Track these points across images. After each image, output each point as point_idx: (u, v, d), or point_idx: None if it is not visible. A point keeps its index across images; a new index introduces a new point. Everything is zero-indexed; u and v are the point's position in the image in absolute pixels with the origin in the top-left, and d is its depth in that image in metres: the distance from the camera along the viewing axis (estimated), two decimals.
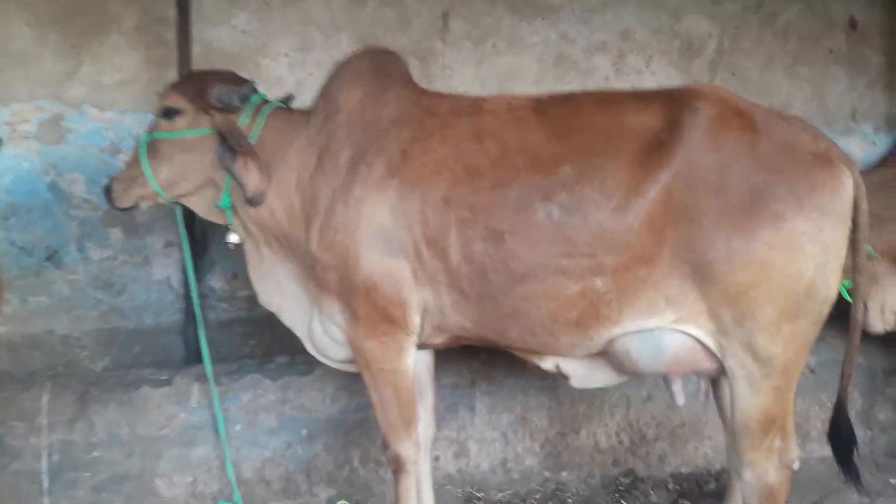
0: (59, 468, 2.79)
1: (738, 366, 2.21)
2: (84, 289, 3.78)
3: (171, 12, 3.62)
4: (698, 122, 2.16)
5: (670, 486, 3.38)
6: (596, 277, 2.18)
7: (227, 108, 2.54)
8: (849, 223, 2.21)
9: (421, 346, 2.57)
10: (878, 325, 3.48)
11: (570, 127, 2.27)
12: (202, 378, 2.98)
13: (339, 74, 2.59)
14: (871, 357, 3.83)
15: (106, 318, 3.80)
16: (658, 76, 4.46)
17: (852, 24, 4.67)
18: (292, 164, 2.55)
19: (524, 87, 4.22)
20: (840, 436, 2.46)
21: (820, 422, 3.75)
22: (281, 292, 2.68)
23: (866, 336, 3.50)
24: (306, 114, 2.64)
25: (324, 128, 2.53)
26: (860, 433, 3.74)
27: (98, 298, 3.79)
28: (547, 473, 3.38)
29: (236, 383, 3.05)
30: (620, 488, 3.35)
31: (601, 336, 2.28)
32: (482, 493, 3.23)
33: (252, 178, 2.49)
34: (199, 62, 3.70)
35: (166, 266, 3.81)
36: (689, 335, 2.24)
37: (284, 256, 2.64)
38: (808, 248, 2.11)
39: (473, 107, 2.43)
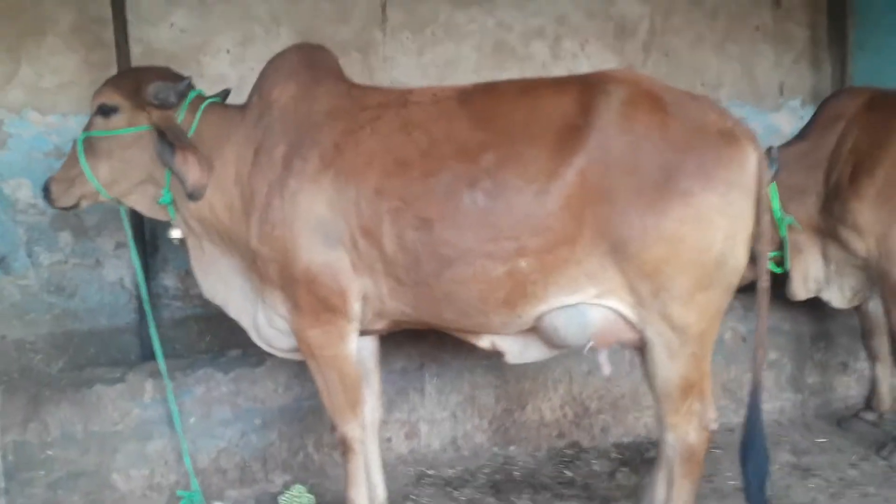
0: (15, 468, 2.85)
1: (657, 335, 2.37)
2: (36, 293, 3.82)
3: (108, 12, 3.64)
4: (610, 106, 2.30)
5: (612, 455, 3.56)
6: (521, 259, 2.31)
7: (164, 105, 2.60)
8: (754, 195, 2.36)
9: (363, 332, 2.68)
10: (801, 292, 3.66)
11: (493, 116, 2.38)
12: (156, 374, 3.06)
13: (271, 70, 2.67)
14: (798, 323, 4.04)
15: (60, 322, 3.84)
16: (593, 60, 4.60)
17: (777, 0, 4.85)
18: (230, 159, 2.62)
19: (465, 76, 4.31)
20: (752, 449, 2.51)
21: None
22: (225, 285, 2.77)
23: (791, 303, 3.71)
24: (242, 109, 2.71)
25: (259, 123, 2.60)
26: (790, 396, 3.99)
27: (50, 302, 3.83)
28: (496, 449, 3.54)
29: (190, 377, 3.14)
30: (565, 459, 3.52)
31: (529, 313, 2.42)
32: (433, 471, 3.37)
33: (192, 172, 2.57)
34: (139, 62, 3.73)
35: (118, 267, 3.86)
36: (611, 308, 2.39)
37: (226, 250, 2.72)
38: (716, 221, 2.27)
39: (401, 99, 2.53)
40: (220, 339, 3.85)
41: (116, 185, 2.72)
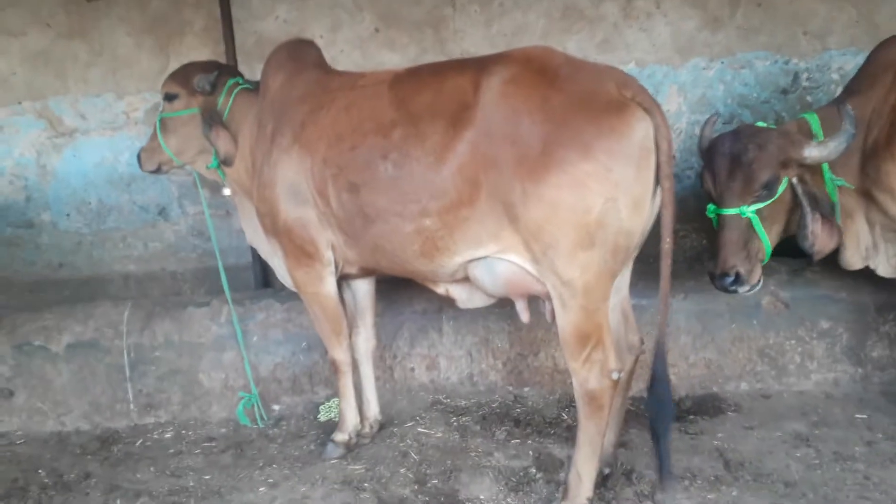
0: (135, 362, 3.94)
1: (552, 287, 2.63)
2: (184, 236, 4.99)
3: (231, 13, 4.57)
4: (492, 85, 2.57)
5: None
6: (425, 219, 2.72)
7: (204, 91, 3.40)
8: (645, 163, 2.48)
9: (345, 276, 3.28)
10: (855, 260, 3.38)
11: (408, 96, 2.78)
12: (235, 301, 3.95)
13: (268, 63, 3.34)
14: (858, 292, 3.75)
15: (201, 259, 4.98)
16: (671, 17, 4.53)
17: None
18: (246, 134, 3.37)
19: (533, 42, 4.56)
20: (655, 397, 2.60)
21: (798, 356, 3.79)
22: (257, 233, 3.53)
23: (851, 271, 3.46)
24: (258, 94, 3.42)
25: (262, 106, 3.29)
26: (847, 369, 3.76)
27: (195, 244, 4.98)
28: (510, 388, 3.91)
29: (255, 305, 3.99)
30: (573, 403, 3.77)
31: (449, 263, 2.81)
32: (449, 400, 3.86)
33: (221, 144, 3.35)
34: (252, 52, 4.65)
35: None
36: (514, 263, 2.69)
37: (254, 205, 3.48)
38: (594, 187, 2.44)
39: (352, 82, 3.03)
40: None
41: (183, 154, 3.60)
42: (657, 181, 2.53)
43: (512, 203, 2.55)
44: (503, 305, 3.64)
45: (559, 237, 2.51)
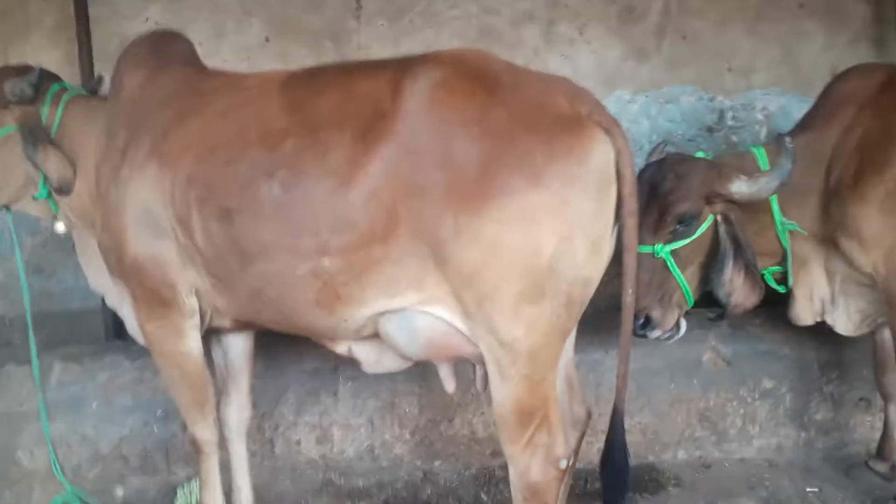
0: None
1: (487, 350, 2.05)
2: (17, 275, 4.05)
3: (82, 10, 3.79)
4: (418, 90, 1.99)
5: None
6: (323, 258, 2.07)
7: (23, 100, 2.60)
8: (606, 193, 1.98)
9: (214, 330, 2.56)
10: (806, 315, 2.98)
11: (304, 100, 2.15)
12: (67, 357, 3.12)
13: (123, 59, 2.60)
14: (803, 348, 3.42)
15: (38, 302, 4.05)
16: (594, 45, 4.18)
17: None
18: (91, 150, 2.59)
19: None
20: (612, 461, 2.19)
21: (739, 418, 3.40)
22: (102, 275, 2.74)
23: (797, 326, 3.07)
24: (104, 99, 2.67)
25: (112, 112, 2.55)
26: (790, 433, 3.39)
27: (30, 283, 4.05)
28: (418, 462, 3.27)
29: (97, 363, 3.17)
30: (494, 480, 3.19)
31: (353, 317, 2.17)
32: (343, 479, 3.17)
33: (52, 167, 2.56)
34: (114, 56, 3.85)
35: None
36: (440, 318, 2.09)
37: None
38: (546, 223, 1.91)
39: (233, 83, 2.37)
40: None
41: (2, 192, 2.71)
42: (617, 217, 2.03)
43: (440, 241, 1.97)
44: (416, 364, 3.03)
45: (499, 286, 1.94)
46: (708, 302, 2.87)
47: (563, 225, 1.92)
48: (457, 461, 3.28)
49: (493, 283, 1.95)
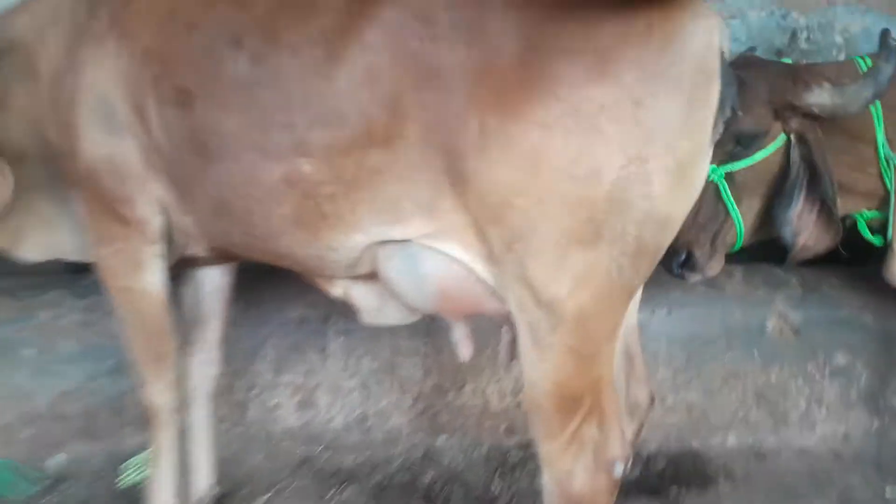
0: None
1: (518, 309, 1.49)
2: None
3: None
4: None
5: None
6: (301, 159, 1.52)
7: None
8: (702, 94, 1.38)
9: (187, 262, 1.99)
10: None
11: None
12: (4, 292, 2.56)
13: None
14: (888, 317, 2.83)
15: None
16: None
17: None
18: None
19: None
20: None
21: (804, 399, 2.85)
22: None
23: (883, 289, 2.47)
24: None
25: None
26: (863, 420, 2.85)
27: None
28: (420, 436, 2.74)
29: (36, 299, 2.61)
30: (507, 464, 2.66)
31: (343, 245, 1.62)
32: (327, 455, 2.64)
33: None
34: None
35: None
36: (455, 259, 1.52)
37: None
38: (611, 132, 1.33)
39: None
40: None
41: None
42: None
43: (460, 151, 1.40)
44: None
45: (538, 220, 1.39)
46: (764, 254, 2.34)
47: (635, 137, 1.33)
48: (465, 438, 2.74)
49: (529, 215, 1.38)
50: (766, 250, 2.49)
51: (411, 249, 1.57)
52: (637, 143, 1.32)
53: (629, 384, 1.80)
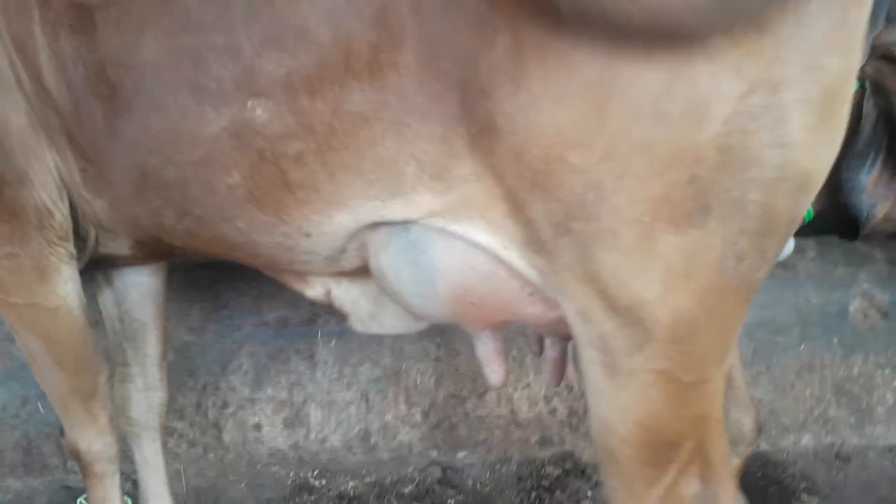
0: None
1: (580, 319, 0.98)
2: None
3: None
4: None
5: None
6: (251, 100, 0.99)
7: None
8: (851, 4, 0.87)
9: (100, 264, 1.49)
10: None
11: None
12: None
13: None
14: None
15: None
16: None
17: None
18: None
19: None
20: None
21: (891, 392, 2.39)
22: None
23: None
24: None
25: None
26: None
27: None
28: (434, 454, 2.27)
29: None
30: (544, 481, 2.21)
31: (318, 229, 1.10)
32: (324, 480, 2.17)
33: None
34: None
35: None
36: (482, 246, 1.02)
37: None
38: (719, 61, 0.81)
39: None
40: None
41: None
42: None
43: (483, 84, 0.88)
44: None
45: (609, 187, 0.86)
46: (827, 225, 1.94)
47: (756, 59, 0.81)
48: (489, 453, 2.28)
49: (594, 178, 0.87)
50: (840, 222, 2.04)
51: (414, 234, 1.07)
52: (763, 61, 0.81)
53: (730, 409, 1.32)
